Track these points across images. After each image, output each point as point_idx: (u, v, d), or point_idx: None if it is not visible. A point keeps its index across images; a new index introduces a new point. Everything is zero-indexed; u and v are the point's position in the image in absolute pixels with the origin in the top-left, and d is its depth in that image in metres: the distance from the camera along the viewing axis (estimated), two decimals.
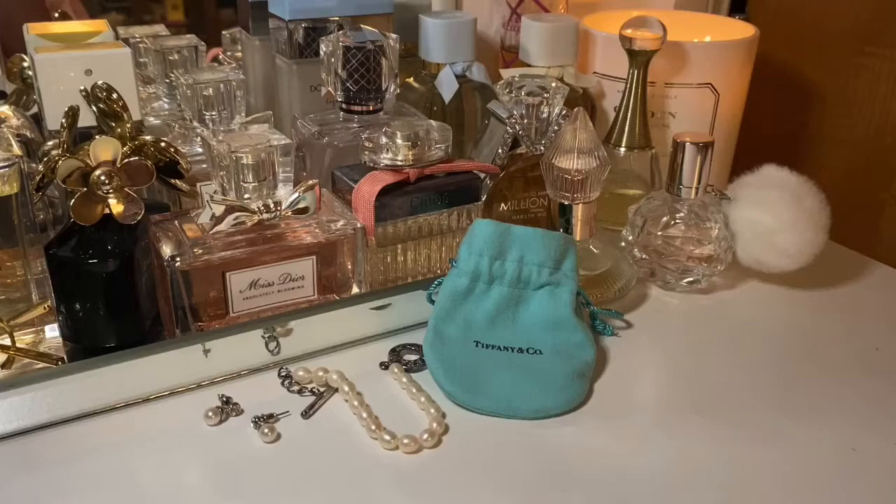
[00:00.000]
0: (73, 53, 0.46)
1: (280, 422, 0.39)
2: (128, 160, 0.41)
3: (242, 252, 0.42)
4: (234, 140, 0.42)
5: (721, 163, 0.62)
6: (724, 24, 0.66)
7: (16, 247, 0.42)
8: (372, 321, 0.46)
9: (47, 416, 0.38)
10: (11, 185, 0.39)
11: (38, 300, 0.43)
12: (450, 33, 0.58)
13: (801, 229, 0.50)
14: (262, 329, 0.42)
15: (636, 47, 0.54)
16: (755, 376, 0.45)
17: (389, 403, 0.41)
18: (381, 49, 0.50)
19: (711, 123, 0.60)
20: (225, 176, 0.42)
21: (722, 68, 0.58)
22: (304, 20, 0.55)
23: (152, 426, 0.39)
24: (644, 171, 0.58)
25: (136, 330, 0.43)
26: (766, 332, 0.50)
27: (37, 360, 0.40)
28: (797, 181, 0.52)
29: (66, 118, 0.42)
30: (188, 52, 0.57)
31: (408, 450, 0.38)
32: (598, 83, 0.61)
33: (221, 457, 0.37)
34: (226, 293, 0.42)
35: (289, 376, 0.43)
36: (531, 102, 0.52)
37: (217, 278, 0.42)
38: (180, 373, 0.41)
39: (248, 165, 0.41)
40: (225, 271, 0.42)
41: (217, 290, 0.42)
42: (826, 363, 0.46)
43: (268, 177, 0.42)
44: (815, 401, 0.43)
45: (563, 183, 0.48)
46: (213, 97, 0.49)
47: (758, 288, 0.54)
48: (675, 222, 0.51)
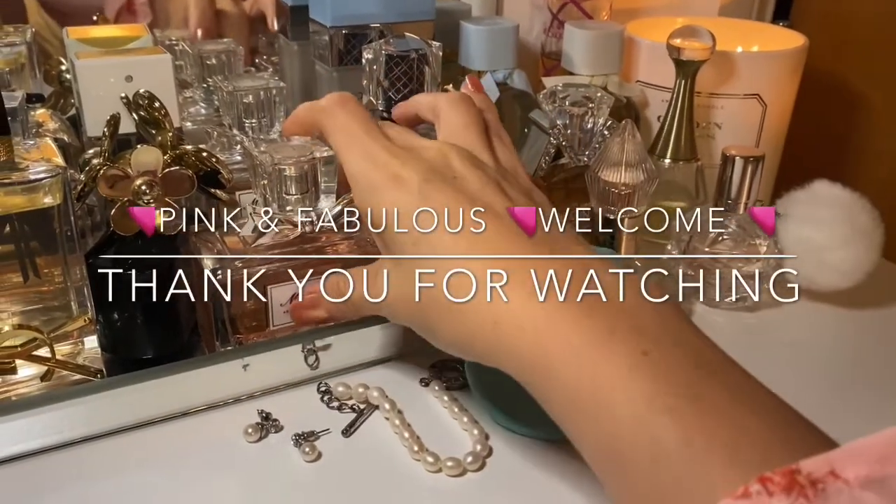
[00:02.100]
0: (113, 60, 0.45)
1: (320, 439, 0.39)
2: (168, 170, 0.40)
3: (283, 265, 0.41)
4: (277, 151, 0.41)
5: (766, 175, 0.61)
6: (769, 32, 0.64)
7: (56, 254, 0.41)
8: (412, 335, 0.45)
9: (86, 430, 0.38)
10: (54, 195, 0.38)
11: (77, 308, 0.42)
12: (491, 40, 0.57)
13: (853, 247, 0.49)
14: (302, 344, 0.42)
15: (684, 57, 0.53)
16: (802, 397, 0.43)
17: (430, 422, 0.40)
18: (424, 57, 0.49)
19: (758, 135, 0.58)
20: (267, 186, 0.41)
21: (770, 79, 0.57)
22: (345, 26, 0.54)
23: (191, 441, 0.38)
24: (689, 184, 0.57)
25: (174, 342, 0.43)
26: (813, 352, 0.48)
27: (76, 373, 0.40)
28: (850, 197, 0.50)
29: (107, 126, 0.42)
30: (226, 56, 0.57)
31: (451, 473, 0.37)
32: (642, 92, 0.60)
33: (262, 475, 0.37)
34: (267, 307, 0.41)
35: (328, 392, 0.42)
36: (575, 112, 0.51)
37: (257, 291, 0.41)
38: (219, 387, 0.40)
39: (290, 177, 0.41)
40: (266, 284, 0.41)
41: (254, 302, 0.41)
42: (874, 385, 0.45)
43: (310, 189, 0.41)
44: (863, 425, 0.41)
45: (610, 196, 0.47)
46: (254, 104, 0.48)
47: (805, 307, 0.53)
48: (723, 238, 0.50)
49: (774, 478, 0.22)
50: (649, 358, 0.27)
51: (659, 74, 0.58)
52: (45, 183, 0.38)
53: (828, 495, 0.21)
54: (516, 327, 0.30)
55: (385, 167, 0.35)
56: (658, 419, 0.25)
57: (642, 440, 0.26)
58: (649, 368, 0.27)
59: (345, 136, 0.37)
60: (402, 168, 0.35)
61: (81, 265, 0.41)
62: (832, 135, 0.70)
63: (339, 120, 0.38)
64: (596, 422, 0.27)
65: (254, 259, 0.41)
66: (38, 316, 0.41)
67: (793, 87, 0.59)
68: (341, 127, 0.38)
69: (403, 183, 0.35)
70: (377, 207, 0.35)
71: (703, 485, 0.24)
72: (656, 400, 0.26)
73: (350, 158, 0.37)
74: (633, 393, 0.26)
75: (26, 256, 0.40)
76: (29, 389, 0.39)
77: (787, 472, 0.22)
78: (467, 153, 0.36)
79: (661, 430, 0.25)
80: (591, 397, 0.27)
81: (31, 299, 0.41)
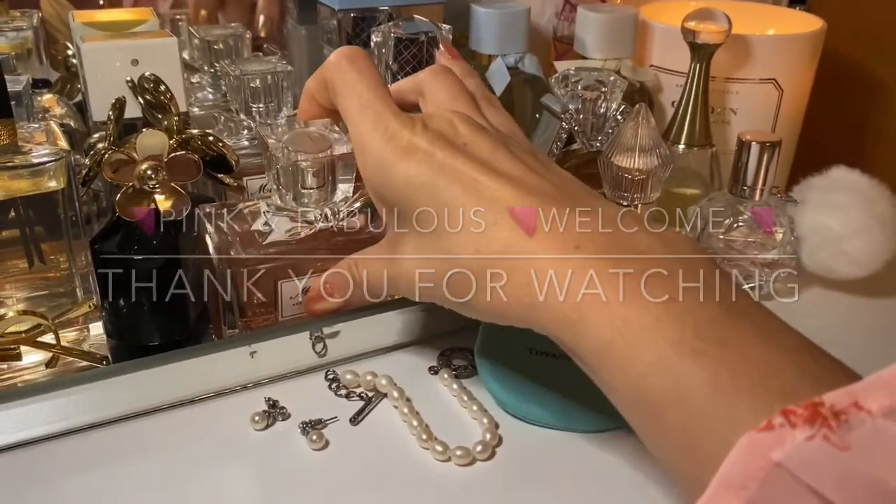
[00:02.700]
0: (119, 43, 0.45)
1: (328, 427, 0.38)
2: (174, 154, 0.40)
3: (295, 259, 0.40)
4: (295, 143, 0.40)
5: (782, 162, 0.59)
6: (786, 15, 0.63)
7: (61, 240, 0.41)
8: (421, 323, 0.44)
9: (91, 417, 0.37)
10: (59, 179, 0.38)
11: (82, 295, 0.42)
12: (502, 23, 0.56)
13: (871, 235, 0.48)
14: (309, 331, 0.41)
15: (700, 41, 0.52)
16: None
17: (439, 411, 0.40)
18: (433, 41, 0.48)
19: (774, 121, 0.57)
20: (282, 178, 0.40)
21: (787, 63, 0.56)
22: (354, 9, 0.53)
23: (198, 429, 0.38)
24: (703, 170, 0.56)
25: (180, 328, 0.42)
26: (828, 342, 0.47)
27: (81, 359, 0.40)
28: (869, 184, 0.49)
29: (112, 110, 0.41)
30: (233, 41, 0.56)
31: (460, 462, 0.36)
32: (656, 76, 0.59)
33: (268, 463, 0.36)
34: (276, 300, 0.41)
35: (336, 379, 0.41)
36: (588, 97, 0.50)
37: (266, 284, 0.41)
38: (226, 374, 0.40)
39: (307, 171, 0.40)
40: (277, 279, 0.40)
41: (265, 293, 0.41)
42: None
43: (327, 182, 0.40)
44: None
45: (623, 182, 0.46)
46: (261, 89, 0.48)
47: (821, 295, 0.52)
48: (738, 225, 0.49)
49: (798, 410, 0.22)
50: (677, 305, 0.28)
51: (673, 58, 0.57)
52: (48, 167, 0.38)
53: (851, 426, 0.22)
54: (548, 285, 0.30)
55: (396, 137, 0.34)
56: (684, 361, 0.26)
57: (669, 382, 0.26)
58: (677, 315, 0.27)
59: (355, 100, 0.36)
60: (413, 136, 0.34)
61: (86, 251, 0.40)
62: (850, 120, 0.68)
63: (349, 78, 0.37)
64: (625, 369, 0.28)
65: (263, 258, 0.40)
66: (43, 302, 0.41)
67: (810, 72, 0.58)
68: (352, 88, 0.36)
69: (415, 153, 0.34)
70: (392, 180, 0.34)
71: (728, 420, 0.24)
72: (683, 344, 0.27)
73: (360, 126, 0.36)
74: (661, 338, 0.27)
75: (31, 242, 0.40)
76: (34, 376, 0.39)
77: (810, 405, 0.22)
78: (467, 116, 0.36)
79: (686, 371, 0.26)
80: (620, 347, 0.28)
81: (37, 285, 0.41)
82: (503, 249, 0.31)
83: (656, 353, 0.27)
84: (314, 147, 0.40)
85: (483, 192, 0.32)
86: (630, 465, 0.37)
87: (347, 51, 0.38)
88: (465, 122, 0.35)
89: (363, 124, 0.35)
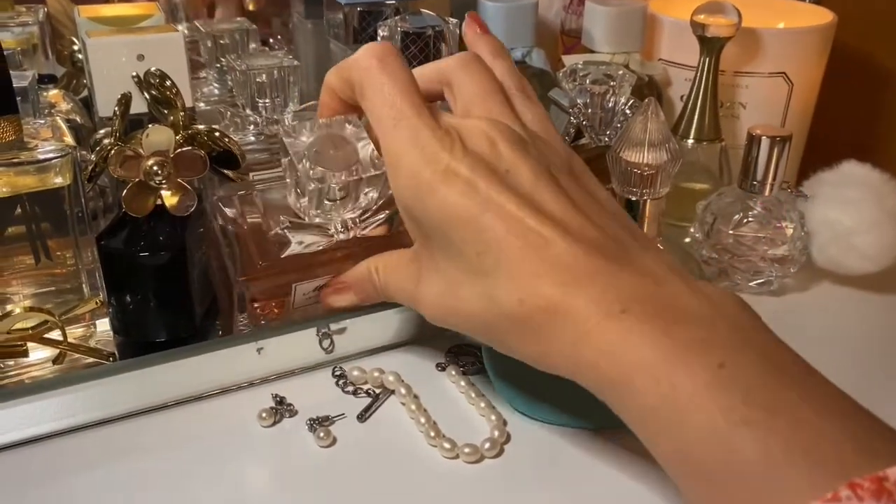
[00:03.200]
0: (125, 38, 0.44)
1: (335, 424, 0.38)
2: (181, 150, 0.39)
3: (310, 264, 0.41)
4: (320, 155, 0.37)
5: (792, 156, 0.59)
6: (796, 8, 0.62)
7: (67, 236, 0.41)
8: None
9: (98, 413, 0.37)
10: (64, 175, 0.38)
11: (89, 291, 0.42)
12: (510, 17, 0.55)
13: (882, 230, 0.47)
14: (316, 327, 0.41)
15: (709, 34, 0.52)
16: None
17: (447, 408, 0.39)
18: (440, 35, 0.48)
19: (784, 115, 0.57)
20: (306, 194, 0.39)
21: (797, 56, 0.55)
22: (360, 3, 0.53)
23: (205, 426, 0.38)
24: (712, 164, 0.55)
25: (187, 324, 0.42)
26: (839, 338, 0.47)
27: (88, 356, 0.39)
28: (880, 179, 0.48)
29: (118, 106, 0.41)
30: (239, 35, 0.56)
31: (468, 459, 0.36)
32: (664, 70, 0.58)
33: (276, 460, 0.36)
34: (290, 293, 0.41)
35: (343, 376, 0.41)
36: (597, 91, 0.49)
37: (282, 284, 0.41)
38: (233, 370, 0.40)
39: (335, 189, 0.38)
40: (292, 283, 0.40)
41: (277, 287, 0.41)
42: None
43: (351, 193, 0.39)
44: (892, 412, 0.40)
45: (632, 177, 0.45)
46: (267, 84, 0.47)
47: (831, 291, 0.51)
48: (748, 220, 0.48)
49: (864, 483, 0.23)
50: (725, 371, 0.27)
51: (682, 52, 0.57)
52: (54, 163, 0.37)
53: None
54: (594, 347, 0.29)
55: (435, 160, 0.32)
56: (736, 431, 0.26)
57: (720, 452, 0.26)
58: (726, 381, 0.27)
59: (387, 110, 0.33)
60: (453, 161, 0.32)
61: (93, 247, 0.40)
62: (860, 114, 0.68)
63: (379, 82, 0.34)
64: (672, 435, 0.27)
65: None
66: (49, 298, 0.40)
67: (820, 66, 0.58)
68: (384, 96, 0.34)
69: (456, 181, 0.32)
70: (428, 204, 0.32)
71: (786, 491, 0.24)
72: (733, 412, 0.26)
73: (394, 143, 0.33)
74: (711, 406, 0.26)
75: (37, 238, 0.39)
76: (41, 372, 0.39)
77: (875, 479, 0.23)
78: (508, 131, 0.33)
79: (739, 442, 0.25)
80: (668, 413, 0.27)
81: (43, 282, 0.40)
82: (549, 306, 0.30)
83: (706, 420, 0.26)
84: (341, 160, 0.37)
85: (527, 235, 0.31)
86: (639, 462, 0.36)
87: (377, 49, 0.34)
88: (504, 139, 0.33)
89: (397, 141, 0.33)
